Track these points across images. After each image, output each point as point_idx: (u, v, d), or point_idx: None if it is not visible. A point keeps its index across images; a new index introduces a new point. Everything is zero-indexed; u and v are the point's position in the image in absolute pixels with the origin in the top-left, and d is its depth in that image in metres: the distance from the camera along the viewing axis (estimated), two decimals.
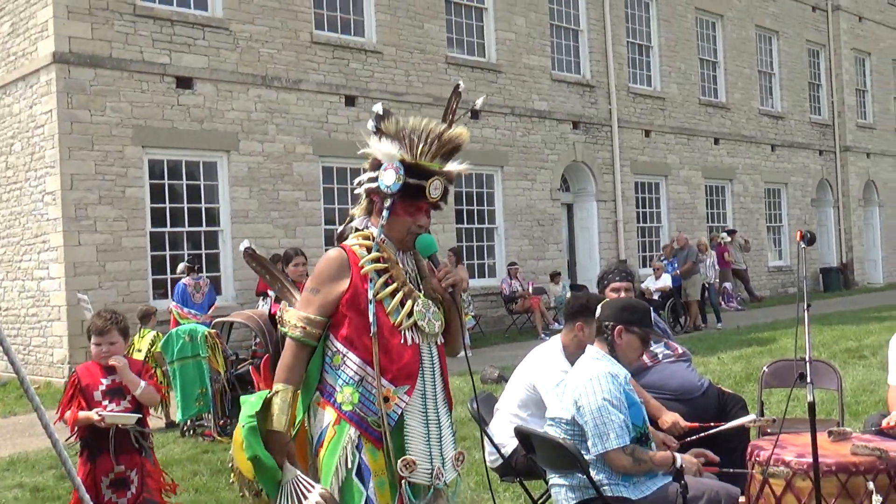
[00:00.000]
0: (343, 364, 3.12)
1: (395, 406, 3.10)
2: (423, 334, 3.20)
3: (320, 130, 14.88)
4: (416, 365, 3.16)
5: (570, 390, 4.08)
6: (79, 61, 12.25)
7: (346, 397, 3.10)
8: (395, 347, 3.12)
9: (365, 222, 3.32)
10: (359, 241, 3.25)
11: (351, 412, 3.09)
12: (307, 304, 3.17)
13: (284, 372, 3.12)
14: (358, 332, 3.11)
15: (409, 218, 3.23)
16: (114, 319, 4.52)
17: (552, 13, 19.10)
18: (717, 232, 21.90)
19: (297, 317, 3.15)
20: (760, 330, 15.60)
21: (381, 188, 3.20)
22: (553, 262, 18.52)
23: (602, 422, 3.90)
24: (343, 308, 3.13)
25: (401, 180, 3.16)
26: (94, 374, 4.45)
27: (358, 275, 3.15)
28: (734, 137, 23.61)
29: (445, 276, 3.22)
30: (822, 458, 3.82)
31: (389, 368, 3.10)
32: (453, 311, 3.32)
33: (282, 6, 14.44)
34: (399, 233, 3.25)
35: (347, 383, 3.11)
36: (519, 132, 18.04)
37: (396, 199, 3.19)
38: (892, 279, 27.44)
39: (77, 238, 12.21)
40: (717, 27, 23.55)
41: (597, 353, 4.18)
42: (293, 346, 3.14)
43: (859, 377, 9.82)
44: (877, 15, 29.43)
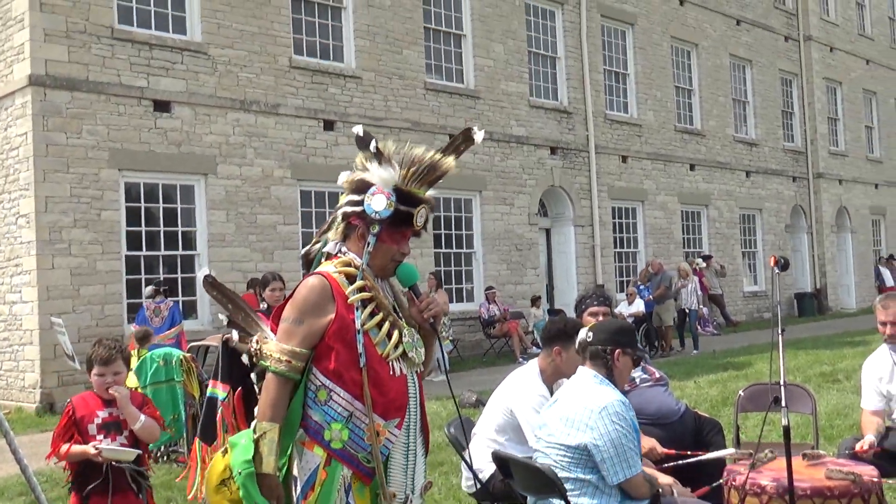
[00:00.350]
0: (330, 399, 2.97)
1: (385, 441, 3.00)
2: (409, 364, 3.11)
3: (298, 154, 14.88)
4: (406, 397, 3.06)
5: (578, 417, 3.98)
6: (55, 84, 12.20)
7: (335, 434, 2.95)
8: (384, 379, 3.00)
9: (339, 247, 3.17)
10: (339, 269, 3.08)
11: (341, 450, 2.95)
12: (290, 335, 2.99)
13: (269, 409, 2.95)
14: (346, 364, 2.96)
15: (394, 245, 3.12)
16: (118, 348, 4.30)
17: (530, 40, 19.27)
18: (693, 257, 22.05)
19: (281, 350, 2.98)
20: (736, 354, 15.68)
21: (369, 213, 3.06)
22: (531, 287, 18.57)
23: (623, 450, 3.89)
24: (329, 340, 2.98)
25: (392, 207, 3.05)
26: (91, 406, 4.21)
27: (343, 304, 3.00)
28: (709, 164, 23.85)
29: (428, 306, 3.14)
30: (797, 482, 3.84)
31: (379, 401, 2.98)
32: (431, 340, 3.25)
33: (261, 31, 14.48)
34: (382, 260, 3.12)
35: (336, 420, 2.96)
36: (497, 157, 18.13)
37: (384, 225, 3.07)
38: (864, 304, 27.66)
39: (51, 261, 12.10)
40: (693, 56, 23.85)
41: (595, 378, 4.12)
42: (276, 382, 2.97)
43: (833, 401, 9.88)
44: (847, 45, 29.93)
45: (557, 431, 4.04)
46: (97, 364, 4.23)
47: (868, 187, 30.36)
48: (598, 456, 3.90)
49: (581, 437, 3.92)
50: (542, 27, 19.64)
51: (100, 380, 4.22)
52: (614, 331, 4.24)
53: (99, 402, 4.23)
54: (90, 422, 4.16)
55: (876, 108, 31.50)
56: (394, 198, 3.05)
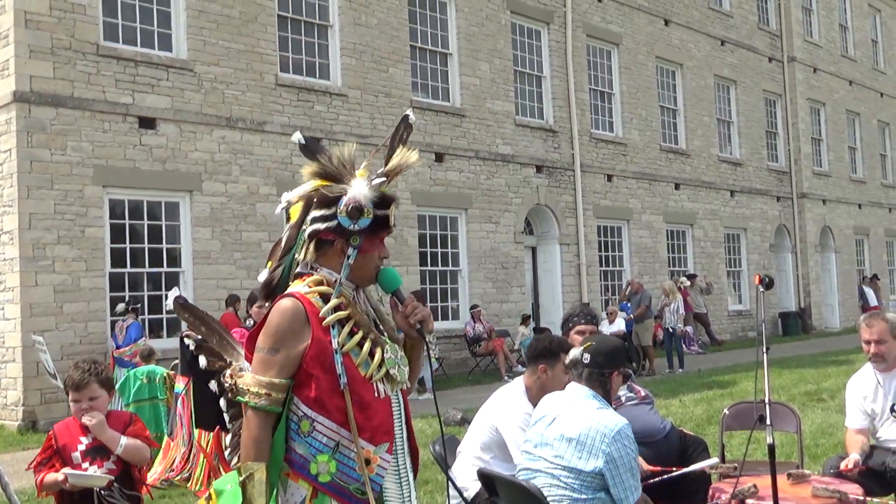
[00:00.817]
0: (313, 430, 2.76)
1: (377, 468, 2.80)
2: (393, 383, 2.90)
3: (284, 171, 14.86)
4: (392, 418, 2.87)
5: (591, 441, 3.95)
6: (40, 100, 12.16)
7: (322, 467, 2.75)
8: (370, 402, 2.80)
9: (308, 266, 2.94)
10: (312, 288, 2.86)
11: (330, 483, 2.75)
12: (266, 366, 2.77)
13: (253, 448, 2.74)
14: (328, 391, 2.75)
15: (374, 252, 2.94)
16: (93, 371, 4.01)
17: (516, 59, 19.37)
18: (677, 276, 22.11)
19: (259, 383, 2.75)
20: (721, 373, 15.71)
21: (347, 226, 2.86)
22: (516, 305, 18.57)
23: (634, 473, 3.94)
24: (307, 366, 2.76)
25: (370, 214, 2.87)
26: (73, 433, 3.97)
27: (319, 327, 2.79)
28: (694, 183, 23.98)
29: (413, 311, 2.93)
30: (782, 500, 3.84)
31: (366, 426, 2.78)
32: (417, 350, 3.05)
33: (247, 48, 14.49)
34: (368, 270, 2.93)
35: (321, 451, 2.76)
36: (483, 175, 18.17)
37: (363, 235, 2.89)
38: (848, 324, 27.81)
39: (34, 278, 12.01)
40: (677, 76, 24.03)
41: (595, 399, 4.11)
42: (257, 418, 2.75)
43: (818, 420, 9.91)
44: (830, 66, 30.23)
45: (566, 454, 4.00)
46: (71, 389, 4.01)
47: (851, 207, 30.58)
48: (611, 480, 3.91)
49: (595, 462, 3.91)
50: (528, 46, 19.75)
51: (75, 406, 3.99)
52: (611, 353, 4.23)
53: (81, 427, 3.99)
54: (73, 450, 3.94)
55: (859, 128, 31.79)
56: (370, 205, 2.87)
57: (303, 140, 3.00)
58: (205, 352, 3.09)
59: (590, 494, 3.96)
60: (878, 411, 5.22)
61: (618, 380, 4.22)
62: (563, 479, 3.98)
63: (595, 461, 3.92)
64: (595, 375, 4.13)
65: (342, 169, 2.94)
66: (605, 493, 3.95)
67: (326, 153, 2.98)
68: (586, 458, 3.94)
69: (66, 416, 11.88)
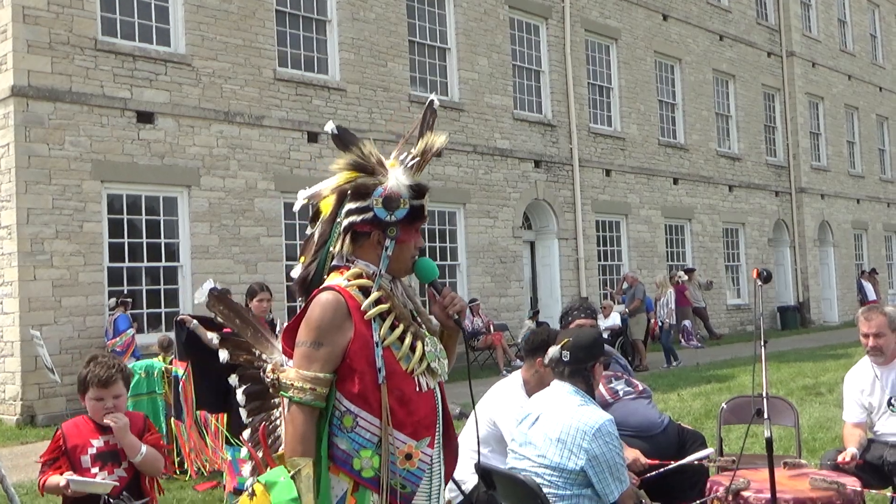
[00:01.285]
0: (357, 426, 2.72)
1: (419, 462, 2.76)
2: (434, 376, 2.88)
3: (282, 166, 14.86)
4: (435, 413, 2.84)
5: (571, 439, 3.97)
6: (38, 95, 12.14)
7: (365, 462, 2.71)
8: (411, 397, 2.77)
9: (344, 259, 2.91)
10: (351, 282, 2.82)
11: (374, 479, 2.71)
12: (309, 360, 2.72)
13: (299, 444, 2.70)
14: (371, 386, 2.72)
15: (411, 242, 2.90)
16: (118, 367, 3.78)
17: (514, 54, 19.35)
18: (675, 271, 22.14)
19: (303, 377, 2.71)
20: (719, 367, 15.73)
21: (383, 217, 2.83)
22: (515, 300, 18.58)
23: (617, 468, 3.95)
24: (351, 361, 2.73)
25: (406, 205, 2.84)
26: (84, 434, 3.69)
27: (361, 321, 2.75)
28: (693, 178, 23.99)
29: (451, 302, 2.91)
30: (780, 493, 3.84)
31: (408, 421, 2.75)
32: (453, 340, 3.02)
33: (245, 43, 14.47)
34: (404, 262, 2.90)
35: (365, 446, 2.72)
36: (481, 170, 18.17)
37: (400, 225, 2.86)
38: (846, 318, 27.87)
39: (32, 273, 12.01)
40: (676, 70, 24.01)
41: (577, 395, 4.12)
42: (302, 413, 2.70)
43: (816, 414, 9.92)
44: (829, 61, 30.22)
45: (548, 452, 4.02)
46: (94, 386, 3.69)
47: (850, 202, 30.60)
48: (594, 477, 3.93)
49: (577, 460, 3.93)
50: (527, 41, 19.73)
51: (97, 404, 3.69)
52: (590, 345, 4.23)
53: (93, 428, 3.71)
54: (83, 452, 3.65)
55: (857, 123, 31.80)
56: (406, 195, 2.84)
57: (336, 130, 2.94)
58: (229, 345, 3.07)
59: (574, 491, 3.98)
60: (876, 405, 5.23)
61: (599, 370, 4.25)
62: (546, 478, 4.00)
63: (577, 459, 3.94)
64: (577, 371, 4.15)
65: (375, 161, 2.89)
66: (590, 489, 3.97)
67: (359, 144, 2.93)
68: (568, 456, 3.96)
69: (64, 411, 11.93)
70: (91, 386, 3.68)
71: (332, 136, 2.95)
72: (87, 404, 3.71)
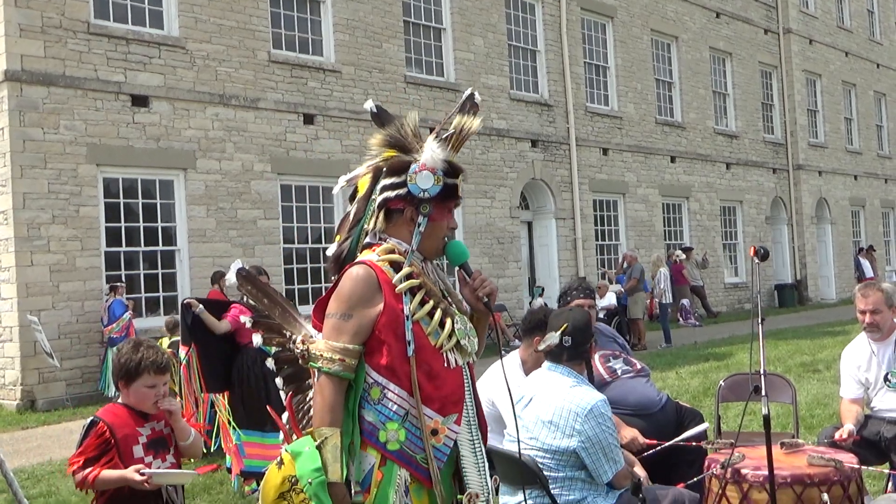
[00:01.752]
0: (383, 398, 2.74)
1: (445, 438, 2.77)
2: (463, 354, 2.88)
3: (278, 148, 14.82)
4: (463, 389, 2.83)
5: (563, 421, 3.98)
6: (31, 79, 12.08)
7: (391, 435, 2.72)
8: (439, 372, 2.77)
9: (378, 236, 2.93)
10: (383, 256, 2.84)
11: (399, 451, 2.72)
12: (339, 331, 2.75)
13: (327, 414, 2.71)
14: (399, 359, 2.74)
15: (444, 221, 2.91)
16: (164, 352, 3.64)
17: (510, 34, 19.26)
18: (673, 249, 22.15)
19: (332, 348, 2.73)
20: (717, 345, 15.77)
21: (416, 193, 2.84)
22: (513, 280, 18.59)
23: (609, 448, 3.95)
24: (379, 333, 2.76)
25: (440, 182, 2.84)
26: (129, 423, 3.48)
27: (392, 294, 2.77)
28: (690, 156, 23.95)
29: (482, 284, 2.92)
30: (777, 470, 3.86)
31: (435, 396, 2.75)
32: (483, 324, 3.02)
33: (239, 25, 14.39)
34: (436, 240, 2.91)
35: (391, 419, 2.73)
36: (478, 150, 18.13)
37: (433, 203, 2.86)
38: (844, 295, 27.92)
39: (30, 258, 12.00)
40: (673, 49, 23.92)
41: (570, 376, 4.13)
42: (331, 383, 2.72)
43: (814, 391, 9.96)
44: (826, 38, 30.11)
45: (541, 434, 4.04)
46: (150, 373, 3.48)
47: (847, 178, 30.58)
48: (587, 458, 3.94)
49: (569, 441, 3.94)
50: (522, 20, 19.63)
51: (150, 392, 3.48)
52: (586, 326, 4.24)
53: (135, 417, 3.51)
54: (135, 442, 3.44)
55: (855, 100, 31.73)
56: (440, 172, 2.84)
57: (374, 108, 2.96)
58: (262, 327, 3.07)
59: (568, 473, 3.99)
60: (873, 381, 5.24)
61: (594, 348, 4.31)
62: (539, 460, 4.01)
63: (569, 440, 3.95)
64: (578, 354, 4.17)
65: (412, 138, 2.91)
66: (584, 470, 3.99)
67: (397, 122, 2.95)
68: (560, 437, 3.97)
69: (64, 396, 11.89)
70: (145, 372, 3.48)
71: (371, 114, 2.96)
72: (131, 392, 3.49)
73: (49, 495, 7.16)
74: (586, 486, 3.99)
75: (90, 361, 12.40)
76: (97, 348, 12.34)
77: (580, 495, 3.98)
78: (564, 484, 3.98)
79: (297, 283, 15.02)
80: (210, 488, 7.11)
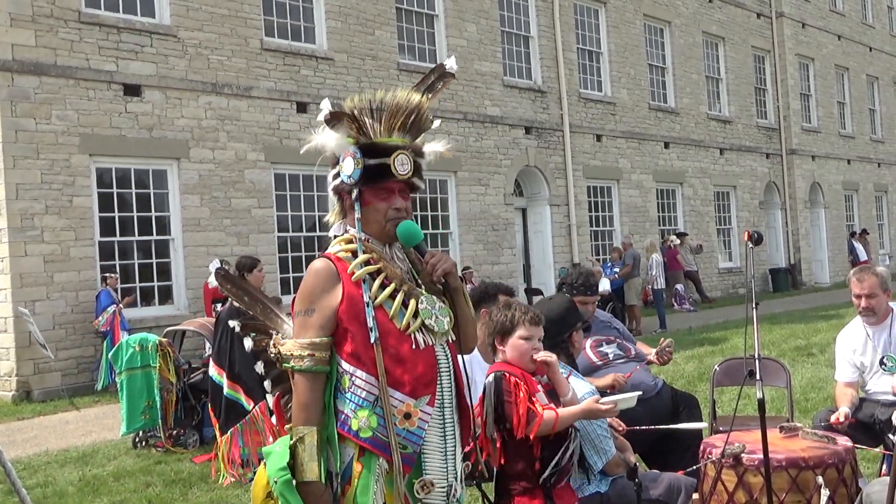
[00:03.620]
0: (352, 385, 2.71)
1: (419, 422, 2.72)
2: (433, 334, 2.81)
3: (272, 137, 14.78)
4: (434, 370, 2.78)
5: None
6: (22, 69, 12.02)
7: (362, 423, 2.69)
8: (407, 355, 2.73)
9: (342, 227, 2.94)
10: (341, 247, 2.85)
11: (371, 438, 2.69)
12: (304, 327, 2.75)
13: (302, 412, 2.70)
14: (363, 345, 2.71)
15: (382, 203, 2.85)
16: None
17: (503, 20, 19.21)
18: (667, 235, 22.17)
19: (300, 346, 2.72)
20: (712, 330, 15.82)
21: (344, 180, 2.86)
22: (507, 267, 18.61)
23: (599, 439, 3.97)
24: (343, 323, 2.74)
25: (360, 164, 2.81)
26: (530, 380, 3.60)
27: (350, 282, 2.76)
28: (683, 142, 23.95)
29: (433, 268, 2.84)
30: (772, 453, 3.88)
31: (405, 380, 2.71)
32: (460, 302, 2.93)
33: (231, 13, 14.32)
34: (377, 224, 2.86)
35: (361, 406, 2.70)
36: (472, 138, 18.10)
37: (362, 186, 2.84)
38: (838, 279, 27.98)
39: (23, 248, 11.97)
40: (665, 34, 23.89)
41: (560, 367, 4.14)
42: (305, 381, 2.71)
43: (808, 375, 10.00)
44: (819, 22, 30.09)
45: None
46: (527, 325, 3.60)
47: (841, 163, 30.63)
48: None
49: None
50: (515, 6, 19.58)
51: (527, 344, 3.59)
52: (560, 317, 4.22)
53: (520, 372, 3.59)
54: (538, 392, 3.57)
55: (848, 84, 31.74)
56: (359, 155, 2.83)
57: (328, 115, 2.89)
58: (250, 329, 3.06)
59: None
60: (868, 364, 5.26)
61: (578, 336, 4.29)
62: None
63: None
64: (554, 345, 4.14)
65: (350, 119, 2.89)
66: None
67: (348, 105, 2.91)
68: None
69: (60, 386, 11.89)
70: (522, 325, 3.60)
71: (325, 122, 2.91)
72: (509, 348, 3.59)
73: (46, 485, 7.16)
74: (579, 474, 4.00)
75: (85, 352, 12.40)
76: (92, 338, 12.33)
77: (574, 484, 4.00)
78: None
79: (291, 272, 15.00)
80: (207, 477, 7.12)
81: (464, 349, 2.97)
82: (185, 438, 8.39)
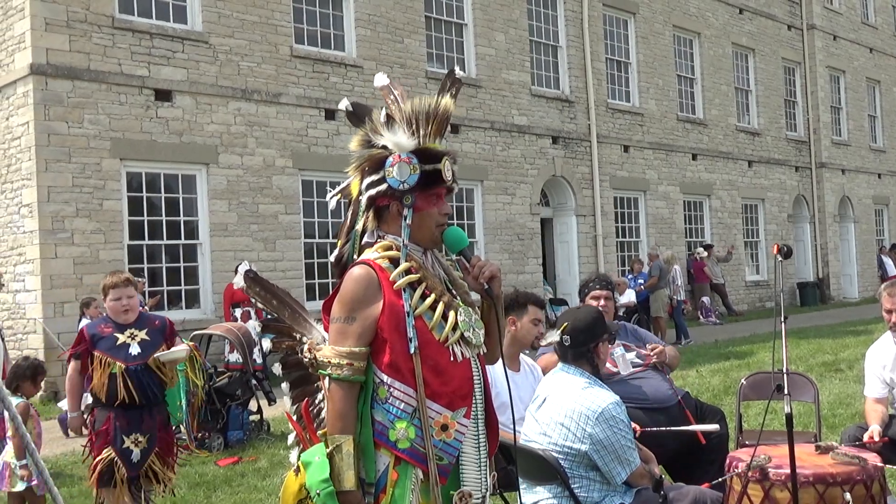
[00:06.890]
0: (390, 396, 2.69)
1: (455, 433, 2.71)
2: (470, 346, 2.80)
3: (300, 144, 14.87)
4: (471, 383, 2.76)
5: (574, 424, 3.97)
6: (56, 73, 12.18)
7: (400, 434, 2.67)
8: (445, 367, 2.71)
9: (377, 234, 2.88)
10: (382, 254, 2.79)
11: (409, 450, 2.67)
12: (343, 336, 2.71)
13: (339, 420, 2.67)
14: (403, 356, 2.68)
15: (434, 209, 2.83)
16: None
17: (532, 29, 19.22)
18: (694, 247, 22.04)
19: (338, 353, 2.69)
20: (738, 343, 15.69)
21: (395, 186, 2.79)
22: (532, 276, 18.57)
23: (622, 451, 3.95)
24: (382, 332, 2.70)
25: (416, 170, 2.77)
26: None
27: (391, 292, 2.72)
28: (712, 153, 23.81)
29: (480, 271, 2.81)
30: (799, 469, 3.84)
31: (443, 392, 2.70)
32: (492, 313, 2.92)
33: (262, 20, 14.44)
34: (428, 229, 2.83)
35: (399, 417, 2.68)
36: (499, 147, 18.11)
37: (415, 192, 2.80)
38: (867, 294, 27.69)
39: (54, 250, 12.11)
40: (695, 45, 23.78)
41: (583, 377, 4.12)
42: (341, 389, 2.68)
43: (836, 390, 9.90)
44: (850, 34, 29.83)
45: (554, 435, 4.04)
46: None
47: (871, 177, 30.30)
48: (599, 461, 3.95)
49: (580, 445, 3.95)
50: (544, 16, 19.59)
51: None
52: (588, 327, 4.19)
53: None
54: None
55: (879, 97, 31.42)
56: (415, 160, 2.79)
57: (350, 107, 2.94)
58: (271, 331, 3.05)
59: (582, 473, 4.00)
60: None
61: (604, 347, 4.25)
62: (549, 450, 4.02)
63: (580, 444, 3.95)
64: (580, 354, 4.15)
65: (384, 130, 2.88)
66: (597, 471, 3.99)
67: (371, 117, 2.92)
68: (573, 439, 3.97)
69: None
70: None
71: (346, 113, 2.95)
72: None
73: (72, 485, 7.23)
74: (605, 486, 3.99)
75: None
76: None
77: (599, 496, 3.99)
78: (582, 483, 4.00)
79: (317, 278, 15.07)
80: (231, 480, 7.16)
81: (489, 359, 2.96)
82: (209, 442, 8.45)
